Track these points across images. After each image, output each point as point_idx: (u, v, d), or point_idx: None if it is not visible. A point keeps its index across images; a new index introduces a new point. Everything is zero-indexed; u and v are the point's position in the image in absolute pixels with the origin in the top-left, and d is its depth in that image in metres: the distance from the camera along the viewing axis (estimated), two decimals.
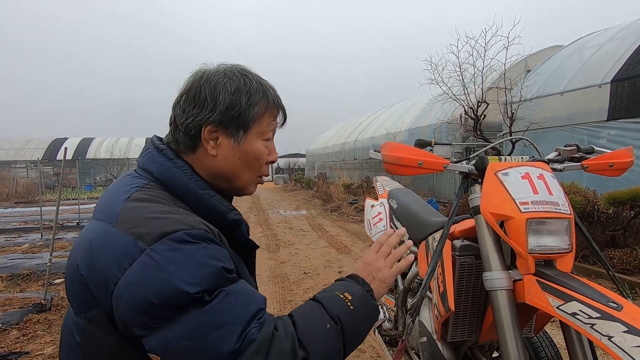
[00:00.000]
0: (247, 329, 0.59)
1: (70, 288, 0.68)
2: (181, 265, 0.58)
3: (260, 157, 0.80)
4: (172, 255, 0.58)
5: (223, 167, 0.76)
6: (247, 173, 0.79)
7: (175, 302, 0.57)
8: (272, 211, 9.98)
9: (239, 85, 0.75)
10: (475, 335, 1.16)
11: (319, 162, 18.77)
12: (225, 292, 0.60)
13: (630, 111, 4.98)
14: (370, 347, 2.42)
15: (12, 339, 2.55)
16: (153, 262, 0.58)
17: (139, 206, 0.65)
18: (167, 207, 0.66)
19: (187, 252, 0.59)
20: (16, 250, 5.31)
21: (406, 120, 11.37)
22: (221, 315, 0.59)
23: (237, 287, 0.63)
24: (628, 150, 1.10)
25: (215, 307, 0.58)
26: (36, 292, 3.41)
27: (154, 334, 0.58)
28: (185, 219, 0.64)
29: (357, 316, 0.70)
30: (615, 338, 0.68)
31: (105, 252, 0.61)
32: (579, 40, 7.00)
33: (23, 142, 24.54)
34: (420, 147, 1.26)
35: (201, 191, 0.72)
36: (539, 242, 0.89)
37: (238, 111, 0.74)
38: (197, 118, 0.73)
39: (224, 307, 0.59)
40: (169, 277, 0.57)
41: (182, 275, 0.57)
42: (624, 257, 3.50)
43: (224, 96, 0.73)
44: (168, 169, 0.72)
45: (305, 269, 4.32)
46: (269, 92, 0.79)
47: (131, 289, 0.57)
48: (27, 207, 12.59)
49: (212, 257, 0.61)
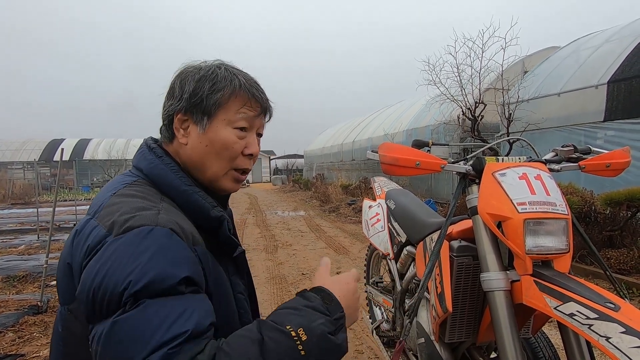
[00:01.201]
0: (147, 358, 0.50)
1: (59, 280, 0.70)
2: (128, 261, 0.56)
3: (229, 145, 0.76)
4: (125, 249, 0.57)
5: (193, 156, 0.77)
6: (215, 163, 0.76)
7: (109, 296, 0.54)
8: (270, 212, 9.96)
9: (205, 73, 0.76)
10: (473, 336, 1.16)
11: (317, 163, 18.77)
12: (146, 305, 0.53)
13: (626, 112, 5.01)
14: (368, 348, 2.42)
15: (7, 342, 2.53)
16: (107, 254, 0.58)
17: (118, 201, 0.66)
18: (145, 203, 0.66)
19: (140, 249, 0.57)
20: (12, 252, 5.28)
21: (404, 121, 11.38)
22: (131, 331, 0.52)
23: (167, 302, 0.54)
24: (625, 150, 1.10)
25: (129, 319, 0.53)
26: (32, 294, 3.39)
27: (92, 326, 0.57)
28: (156, 216, 0.62)
29: None
30: (613, 339, 0.68)
31: (83, 244, 0.62)
32: (576, 42, 7.04)
33: (20, 142, 24.42)
34: (418, 147, 1.26)
35: (185, 187, 0.72)
36: (536, 242, 0.89)
37: (200, 97, 0.75)
38: (170, 108, 0.77)
39: (137, 322, 0.52)
40: (113, 271, 0.55)
41: (124, 271, 0.55)
42: (620, 257, 3.51)
43: (189, 84, 0.76)
44: (156, 166, 0.74)
45: (303, 269, 4.31)
46: (236, 79, 0.77)
47: (85, 278, 0.58)
48: (24, 208, 12.52)
49: (164, 259, 0.57)
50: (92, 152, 23.72)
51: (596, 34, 6.79)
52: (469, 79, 6.17)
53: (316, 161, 19.11)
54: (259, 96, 0.80)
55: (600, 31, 6.79)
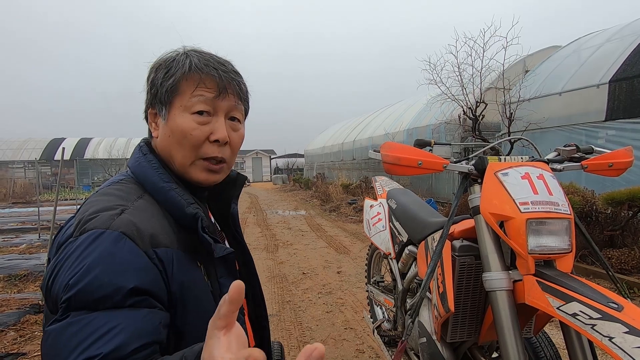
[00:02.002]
0: None
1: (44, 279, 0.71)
2: (72, 264, 0.55)
3: (186, 133, 0.70)
4: (74, 252, 0.56)
5: (161, 148, 0.75)
6: (179, 152, 0.72)
7: (53, 297, 0.55)
8: (270, 211, 9.97)
9: (162, 62, 0.73)
10: (475, 335, 1.16)
11: (318, 162, 18.77)
12: (69, 319, 0.51)
13: (628, 111, 5.00)
14: (369, 347, 2.42)
15: (9, 340, 2.53)
16: (62, 254, 0.58)
17: (94, 200, 0.66)
18: (114, 202, 0.64)
19: (83, 253, 0.55)
20: (13, 251, 5.28)
21: (405, 120, 11.37)
22: (53, 344, 0.51)
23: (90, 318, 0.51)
24: (627, 150, 1.10)
25: (53, 331, 0.51)
26: (33, 292, 3.40)
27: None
28: (111, 218, 0.59)
29: None
30: (616, 339, 0.68)
31: (57, 243, 0.63)
32: (577, 41, 7.03)
33: (21, 142, 24.44)
34: (420, 147, 1.26)
35: (162, 184, 0.70)
36: (538, 242, 0.89)
37: (156, 87, 0.72)
38: (145, 105, 0.76)
39: (58, 337, 0.50)
40: (58, 273, 0.56)
41: (68, 273, 0.54)
42: (622, 257, 3.51)
43: (149, 76, 0.74)
44: (140, 164, 0.73)
45: (304, 269, 4.32)
46: (188, 60, 0.71)
47: (45, 278, 0.59)
48: (25, 207, 12.54)
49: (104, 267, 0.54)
50: (92, 151, 23.74)
51: (597, 33, 6.78)
52: (470, 79, 6.16)
53: (317, 160, 19.10)
54: (215, 74, 0.71)
55: (601, 30, 6.78)
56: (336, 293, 3.48)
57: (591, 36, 6.81)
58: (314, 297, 3.39)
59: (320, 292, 3.51)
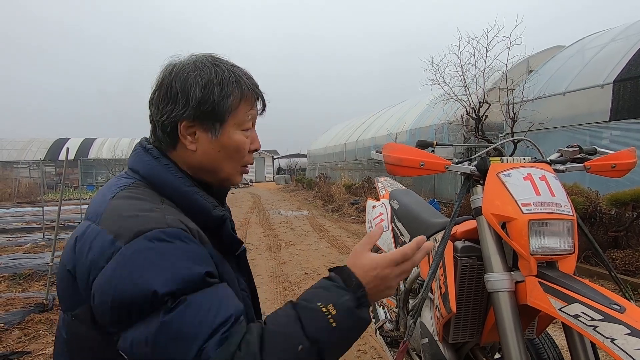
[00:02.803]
0: (205, 345, 0.55)
1: (59, 286, 0.69)
2: (152, 264, 0.57)
3: (241, 148, 0.77)
4: (144, 253, 0.58)
5: (204, 162, 0.76)
6: (229, 165, 0.78)
7: (141, 301, 0.56)
8: (273, 211, 9.98)
9: (210, 77, 0.73)
10: (477, 336, 1.16)
11: (320, 163, 18.77)
12: (188, 302, 0.56)
13: (632, 112, 4.97)
14: (371, 348, 2.42)
15: (14, 339, 2.55)
16: (125, 260, 0.58)
17: (120, 204, 0.66)
18: (148, 204, 0.66)
19: (160, 251, 0.58)
20: (18, 250, 5.33)
21: (408, 120, 11.35)
22: (181, 326, 0.55)
23: (205, 294, 0.58)
24: (631, 151, 1.09)
25: (176, 316, 0.55)
26: (38, 292, 3.42)
27: (124, 333, 0.57)
28: (162, 217, 0.63)
29: (339, 334, 0.62)
30: (618, 340, 0.68)
31: (87, 250, 0.62)
32: (581, 41, 6.99)
33: (25, 142, 24.61)
34: (422, 148, 1.26)
35: (185, 188, 0.72)
36: (541, 243, 0.89)
37: (211, 104, 0.73)
38: (172, 115, 0.73)
39: (184, 317, 0.56)
40: (138, 276, 0.56)
41: (152, 274, 0.56)
42: (626, 258, 3.49)
43: (195, 90, 0.72)
44: (153, 168, 0.73)
45: (306, 269, 4.32)
46: (242, 81, 0.76)
47: (105, 286, 0.58)
48: (29, 207, 12.62)
49: (186, 258, 0.60)
50: (96, 151, 23.87)
51: (601, 33, 6.74)
52: (473, 79, 6.15)
53: (319, 161, 19.11)
54: (261, 95, 0.81)
55: (605, 30, 6.74)
56: None
57: (595, 36, 6.77)
58: None
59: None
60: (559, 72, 6.45)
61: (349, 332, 0.64)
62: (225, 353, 0.55)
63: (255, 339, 0.58)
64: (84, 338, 0.65)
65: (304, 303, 0.64)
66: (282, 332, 0.60)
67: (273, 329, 0.61)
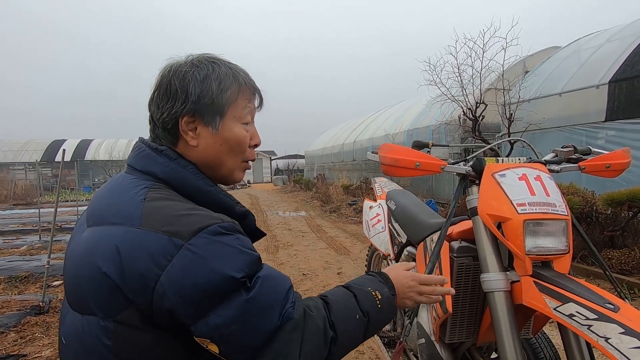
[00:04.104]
0: (284, 308, 0.66)
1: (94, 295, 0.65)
2: (223, 255, 0.63)
3: (242, 141, 0.79)
4: (212, 247, 0.63)
5: (207, 156, 0.77)
6: (231, 159, 0.80)
7: (223, 288, 0.61)
8: (271, 212, 9.97)
9: (207, 72, 0.75)
10: (474, 336, 1.16)
11: (318, 163, 18.77)
12: (262, 277, 0.66)
13: (627, 112, 5.00)
14: (369, 348, 2.42)
15: (10, 342, 2.54)
16: (195, 255, 0.61)
17: (162, 205, 0.67)
18: (188, 204, 0.69)
19: (226, 243, 0.64)
20: (14, 252, 5.29)
21: (405, 121, 11.38)
22: (263, 298, 0.64)
23: (267, 271, 0.68)
24: (625, 151, 1.10)
25: (257, 292, 0.64)
26: (34, 294, 3.40)
27: (203, 320, 0.61)
28: (212, 214, 0.68)
29: (381, 315, 0.79)
30: (612, 339, 0.68)
31: (138, 254, 0.61)
32: (577, 42, 7.03)
33: (22, 143, 24.47)
34: (418, 148, 1.26)
35: (209, 188, 0.75)
36: (536, 243, 0.89)
37: (210, 98, 0.74)
38: (172, 111, 0.74)
39: (264, 290, 0.65)
40: (215, 266, 0.61)
41: (226, 264, 0.62)
42: (622, 257, 3.50)
43: (194, 85, 0.74)
44: (173, 169, 0.73)
45: (304, 270, 4.32)
46: (239, 75, 0.79)
47: (179, 283, 0.60)
48: (26, 209, 12.54)
49: (246, 246, 0.67)
50: (93, 152, 23.76)
51: (597, 33, 6.78)
52: (469, 79, 6.17)
53: (317, 161, 19.11)
54: (258, 90, 0.83)
55: (601, 31, 6.78)
56: None
57: (591, 37, 6.81)
58: None
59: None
60: (555, 72, 6.48)
61: (386, 315, 0.81)
62: (301, 312, 0.67)
63: (321, 305, 0.73)
64: (134, 341, 0.63)
65: (357, 286, 0.80)
66: (343, 302, 0.76)
67: (335, 299, 0.76)
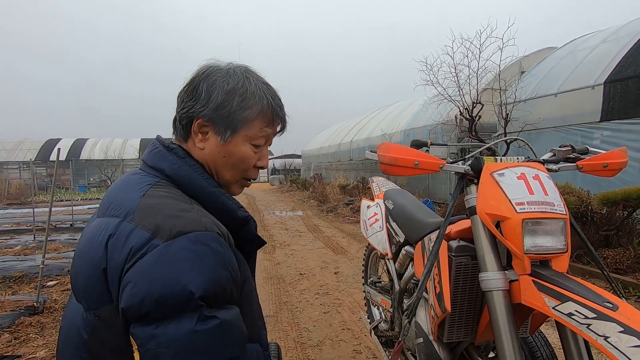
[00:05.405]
0: None
1: (85, 284, 0.66)
2: (191, 265, 0.59)
3: (245, 160, 0.79)
4: (185, 254, 0.59)
5: (208, 162, 0.78)
6: (228, 172, 0.79)
7: (176, 302, 0.57)
8: (267, 212, 9.95)
9: (235, 85, 0.75)
10: (472, 336, 1.16)
11: (315, 163, 18.76)
12: (221, 321, 0.59)
13: (623, 112, 5.04)
14: (366, 348, 2.42)
15: (3, 343, 2.51)
16: (163, 257, 0.59)
17: (155, 203, 0.66)
18: (183, 204, 0.68)
19: (200, 254, 0.60)
20: (8, 253, 5.24)
21: (402, 121, 11.40)
22: (208, 343, 0.58)
23: (232, 318, 0.62)
24: (622, 150, 1.11)
25: (206, 331, 0.58)
26: (28, 294, 3.37)
27: (147, 326, 0.57)
28: (200, 219, 0.65)
29: None
30: (612, 338, 0.68)
31: (122, 247, 0.61)
32: (573, 42, 7.07)
33: (16, 142, 24.26)
34: (416, 147, 1.26)
35: (212, 189, 0.74)
36: (534, 242, 0.89)
37: (228, 111, 0.75)
38: (191, 110, 0.75)
39: (213, 334, 0.58)
40: (178, 274, 0.57)
41: (190, 274, 0.58)
42: (617, 256, 3.53)
43: (217, 94, 0.74)
44: (180, 167, 0.74)
45: (301, 269, 4.31)
46: (265, 98, 0.78)
47: (139, 279, 0.58)
48: (20, 208, 12.44)
49: (222, 265, 0.62)
50: (88, 152, 23.61)
51: (593, 34, 6.82)
52: (466, 79, 6.20)
53: (314, 161, 19.10)
54: (282, 116, 0.82)
55: (597, 32, 6.83)
56: (333, 294, 3.48)
57: (587, 37, 6.86)
58: (311, 298, 3.39)
59: (317, 293, 3.51)
60: (550, 73, 6.52)
61: None
62: None
63: None
64: (109, 339, 0.63)
65: None
66: None
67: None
